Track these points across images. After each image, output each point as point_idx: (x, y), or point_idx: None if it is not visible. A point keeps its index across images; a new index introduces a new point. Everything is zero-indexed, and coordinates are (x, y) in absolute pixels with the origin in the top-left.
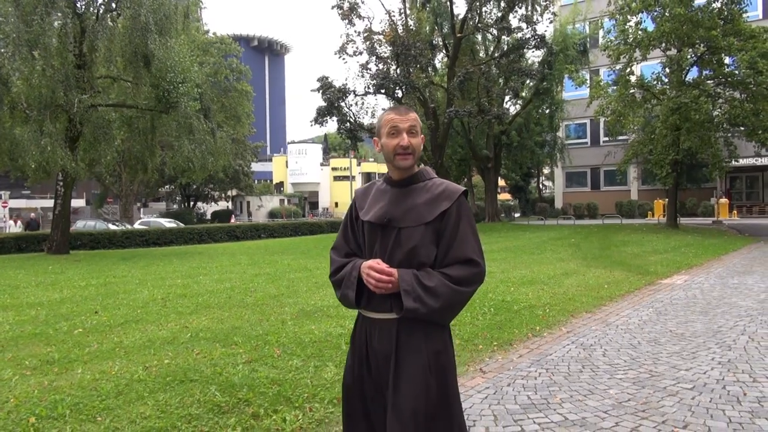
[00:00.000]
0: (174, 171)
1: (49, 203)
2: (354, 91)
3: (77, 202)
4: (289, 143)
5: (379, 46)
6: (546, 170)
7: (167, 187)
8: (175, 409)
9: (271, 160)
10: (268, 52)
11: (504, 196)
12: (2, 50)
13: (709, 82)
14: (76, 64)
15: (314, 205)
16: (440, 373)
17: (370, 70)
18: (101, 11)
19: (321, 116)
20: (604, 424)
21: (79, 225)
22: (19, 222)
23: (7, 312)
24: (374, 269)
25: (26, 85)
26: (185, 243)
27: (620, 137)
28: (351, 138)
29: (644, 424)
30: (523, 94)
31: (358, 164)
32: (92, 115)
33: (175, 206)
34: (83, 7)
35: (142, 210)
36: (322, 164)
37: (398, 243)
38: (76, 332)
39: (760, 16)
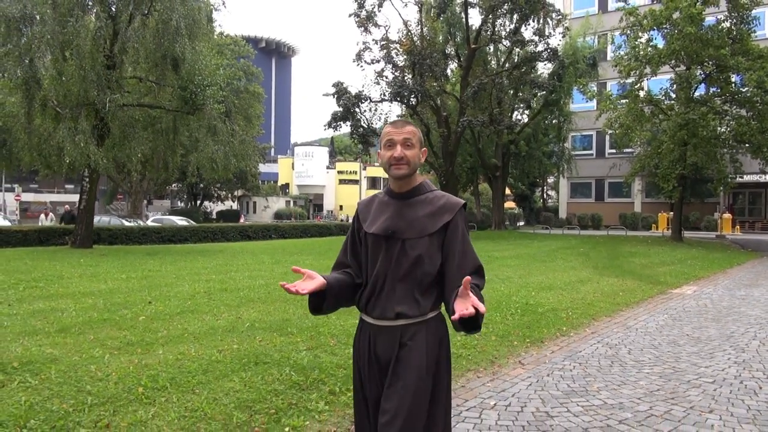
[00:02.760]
0: (198, 170)
1: (56, 197)
2: (369, 98)
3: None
4: (294, 145)
5: (396, 55)
6: (550, 180)
7: (175, 185)
8: (260, 385)
9: (276, 161)
10: (275, 53)
11: (508, 205)
12: (34, 48)
13: (716, 99)
14: (106, 64)
15: (319, 207)
16: (436, 375)
17: (387, 77)
18: (134, 14)
19: (335, 121)
20: (640, 408)
21: (94, 220)
22: (51, 215)
23: (65, 300)
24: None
25: (58, 84)
26: (199, 241)
27: (626, 150)
28: (363, 143)
29: (675, 408)
30: (532, 104)
31: (364, 168)
32: (121, 114)
33: (180, 204)
34: (115, 10)
35: (147, 207)
36: (328, 167)
37: (403, 253)
38: (141, 319)
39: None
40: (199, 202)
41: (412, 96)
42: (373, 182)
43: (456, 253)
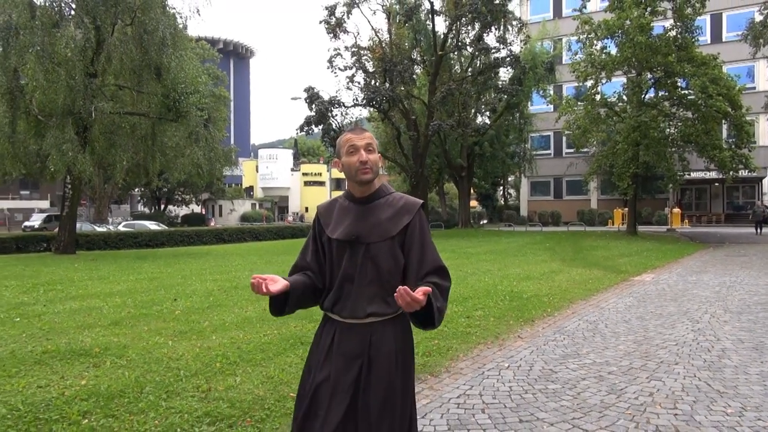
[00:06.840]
0: (182, 176)
1: (11, 204)
2: (342, 103)
3: (42, 204)
4: (254, 147)
5: (367, 62)
6: (510, 179)
7: (138, 189)
8: None
9: (237, 164)
10: (233, 55)
11: (471, 203)
12: (14, 58)
13: (665, 102)
14: (88, 73)
15: (284, 209)
16: (404, 371)
17: (359, 83)
18: (119, 25)
19: (308, 125)
20: (622, 364)
21: None
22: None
23: (93, 299)
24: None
25: (43, 94)
26: (175, 245)
27: (582, 150)
28: (334, 146)
29: (649, 363)
30: (497, 108)
31: (329, 170)
32: (106, 121)
33: (143, 208)
34: (99, 21)
35: (110, 212)
36: (292, 169)
37: (367, 257)
38: (177, 313)
39: (709, 41)
40: (163, 206)
41: (384, 101)
42: (338, 184)
43: (416, 253)
